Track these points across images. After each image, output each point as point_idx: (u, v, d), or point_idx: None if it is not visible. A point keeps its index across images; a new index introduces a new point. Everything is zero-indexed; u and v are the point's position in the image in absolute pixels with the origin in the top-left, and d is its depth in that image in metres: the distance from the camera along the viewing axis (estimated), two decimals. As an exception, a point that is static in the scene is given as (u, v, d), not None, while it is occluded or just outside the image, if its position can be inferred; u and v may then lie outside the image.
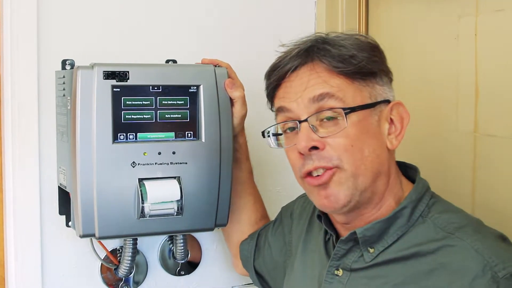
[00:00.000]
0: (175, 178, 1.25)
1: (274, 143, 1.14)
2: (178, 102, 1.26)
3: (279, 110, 1.12)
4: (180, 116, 1.27)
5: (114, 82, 1.21)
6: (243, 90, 1.31)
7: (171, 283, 1.50)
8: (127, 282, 1.45)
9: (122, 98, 1.22)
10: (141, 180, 1.23)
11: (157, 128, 1.25)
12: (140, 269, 1.46)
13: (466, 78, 1.30)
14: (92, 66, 1.21)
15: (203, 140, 1.27)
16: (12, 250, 1.37)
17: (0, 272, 1.40)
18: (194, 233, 1.49)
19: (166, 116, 1.25)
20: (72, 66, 1.30)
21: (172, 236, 1.45)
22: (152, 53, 1.45)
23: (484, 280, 0.94)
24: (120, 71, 1.21)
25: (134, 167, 1.23)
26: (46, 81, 1.36)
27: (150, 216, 1.23)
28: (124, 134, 1.23)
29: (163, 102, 1.25)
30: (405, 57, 1.45)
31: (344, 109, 1.04)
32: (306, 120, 1.06)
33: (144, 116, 1.24)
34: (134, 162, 1.23)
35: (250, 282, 1.47)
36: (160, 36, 1.47)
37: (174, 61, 1.39)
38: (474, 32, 1.28)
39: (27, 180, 1.36)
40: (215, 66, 1.30)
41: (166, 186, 1.24)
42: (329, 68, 1.06)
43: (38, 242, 1.37)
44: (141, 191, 1.22)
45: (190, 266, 1.52)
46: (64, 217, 1.35)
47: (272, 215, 1.42)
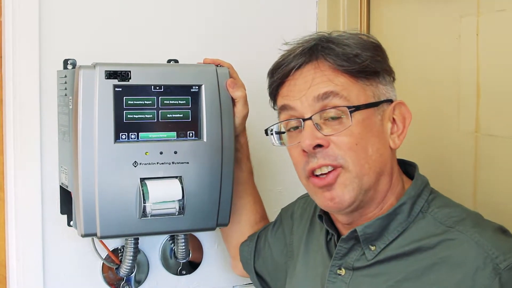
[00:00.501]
0: (176, 177, 1.25)
1: (277, 142, 1.14)
2: (180, 102, 1.26)
3: (283, 108, 1.11)
4: (182, 115, 1.27)
5: (116, 81, 1.21)
6: (245, 90, 1.31)
7: (172, 283, 1.50)
8: (128, 282, 1.45)
9: (124, 98, 1.22)
10: (142, 179, 1.23)
11: (159, 127, 1.25)
12: (141, 268, 1.46)
13: (467, 78, 1.30)
14: (94, 66, 1.21)
15: (205, 139, 1.27)
16: (13, 249, 1.37)
17: (2, 271, 1.40)
18: (196, 232, 1.49)
19: (168, 115, 1.25)
20: (74, 65, 1.30)
21: (173, 235, 1.45)
22: (154, 52, 1.45)
23: (486, 272, 0.95)
24: (122, 71, 1.21)
25: (135, 166, 1.23)
26: (48, 80, 1.36)
27: (152, 215, 1.23)
28: (126, 134, 1.23)
29: (165, 102, 1.25)
30: (406, 57, 1.45)
31: (349, 107, 1.04)
32: (310, 118, 1.06)
33: (146, 115, 1.24)
34: (135, 161, 1.23)
35: (251, 282, 1.47)
36: (162, 36, 1.47)
37: (176, 61, 1.39)
38: (476, 32, 1.28)
39: (29, 180, 1.36)
40: (217, 66, 1.30)
41: (167, 186, 1.24)
42: (333, 67, 1.06)
43: (39, 242, 1.38)
44: (142, 190, 1.22)
45: (192, 266, 1.52)
46: (65, 216, 1.36)
47: (273, 215, 1.41)
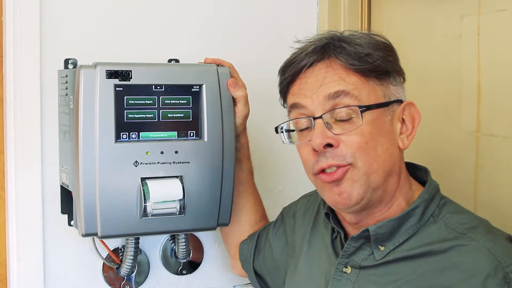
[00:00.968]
0: (177, 177, 1.25)
1: (287, 139, 1.14)
2: (180, 102, 1.26)
3: (293, 107, 1.11)
4: (182, 115, 1.26)
5: (116, 81, 1.21)
6: (246, 90, 1.31)
7: (173, 282, 1.50)
8: (129, 281, 1.45)
9: (125, 98, 1.22)
10: (143, 179, 1.23)
11: (159, 127, 1.25)
12: (142, 268, 1.47)
13: (468, 78, 1.30)
14: (95, 66, 1.21)
15: (206, 139, 1.27)
16: (14, 249, 1.37)
17: (2, 271, 1.40)
18: (196, 232, 1.49)
19: (169, 115, 1.25)
20: (75, 65, 1.30)
21: (174, 235, 1.45)
22: (155, 52, 1.45)
23: (496, 280, 0.95)
24: (122, 71, 1.21)
25: (136, 166, 1.23)
26: (49, 80, 1.36)
27: (153, 215, 1.23)
28: (127, 133, 1.23)
29: (166, 102, 1.25)
30: (407, 57, 1.45)
31: (360, 107, 1.04)
32: (321, 117, 1.06)
33: (147, 115, 1.24)
34: (136, 161, 1.23)
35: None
36: (163, 36, 1.47)
37: (177, 60, 1.39)
38: (477, 32, 1.28)
39: (30, 179, 1.36)
40: (218, 66, 1.30)
41: (168, 186, 1.24)
42: (345, 66, 1.06)
43: (40, 241, 1.38)
44: (143, 190, 1.22)
45: (192, 266, 1.52)
46: (66, 216, 1.35)
47: (274, 215, 1.41)
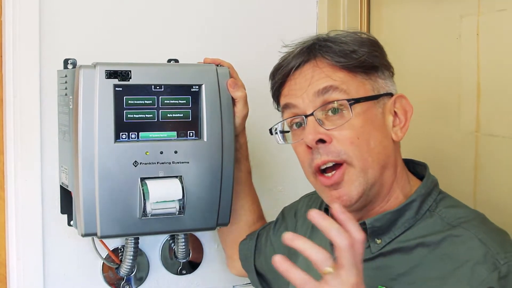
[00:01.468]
0: (177, 177, 1.25)
1: (282, 140, 1.16)
2: (180, 102, 1.26)
3: (285, 107, 1.14)
4: (182, 115, 1.27)
5: (116, 81, 1.21)
6: (245, 90, 1.31)
7: (173, 282, 1.50)
8: (128, 281, 1.45)
9: (124, 98, 1.22)
10: (143, 179, 1.23)
11: (159, 127, 1.25)
12: (141, 268, 1.46)
13: (468, 78, 1.30)
14: (94, 66, 1.21)
15: (205, 139, 1.27)
16: (14, 249, 1.37)
17: (2, 271, 1.40)
18: (196, 232, 1.49)
19: (168, 115, 1.25)
20: (74, 65, 1.30)
21: (173, 235, 1.45)
22: (154, 52, 1.45)
23: (485, 265, 0.96)
24: (122, 71, 1.21)
25: (136, 166, 1.23)
26: (48, 80, 1.36)
27: (152, 215, 1.23)
28: (126, 134, 1.23)
29: (165, 102, 1.25)
30: (407, 56, 1.45)
31: (348, 100, 1.06)
32: (312, 114, 1.08)
33: (146, 115, 1.24)
34: (136, 161, 1.23)
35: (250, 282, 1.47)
36: (162, 36, 1.47)
37: (176, 60, 1.39)
38: (476, 32, 1.28)
39: (29, 179, 1.36)
40: (217, 66, 1.30)
41: (168, 186, 1.24)
42: (331, 63, 1.09)
43: (40, 241, 1.38)
44: (143, 190, 1.22)
45: (192, 266, 1.52)
46: (66, 216, 1.35)
47: (274, 215, 1.41)
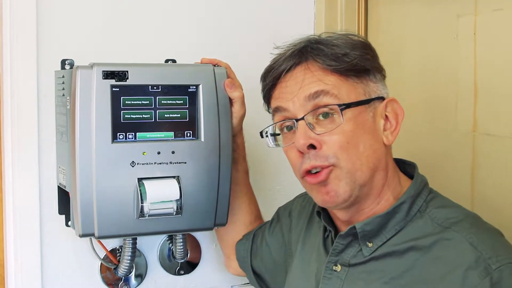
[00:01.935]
0: (174, 177, 1.25)
1: (272, 143, 1.15)
2: (177, 102, 1.26)
3: (276, 110, 1.13)
4: (179, 115, 1.27)
5: (113, 81, 1.21)
6: (242, 90, 1.31)
7: (171, 283, 1.50)
8: (126, 282, 1.45)
9: (121, 98, 1.22)
10: (140, 179, 1.23)
11: (156, 127, 1.25)
12: (139, 268, 1.47)
13: (465, 78, 1.30)
14: (92, 66, 1.21)
15: (202, 139, 1.27)
16: (11, 249, 1.37)
17: (0, 271, 1.40)
18: (194, 232, 1.49)
19: (165, 115, 1.25)
20: (72, 66, 1.30)
21: (171, 235, 1.45)
22: (151, 52, 1.45)
23: (477, 271, 0.95)
24: (119, 71, 1.21)
25: (133, 166, 1.23)
26: (46, 80, 1.36)
27: (150, 215, 1.23)
28: (124, 134, 1.23)
29: (162, 102, 1.25)
30: (404, 56, 1.45)
31: (339, 105, 1.06)
32: (303, 118, 1.07)
33: (143, 115, 1.24)
34: (133, 161, 1.23)
35: (248, 282, 1.47)
36: (159, 36, 1.47)
37: (174, 60, 1.39)
38: (473, 32, 1.28)
39: (27, 180, 1.36)
40: (214, 66, 1.30)
41: (165, 186, 1.24)
42: (323, 67, 1.08)
43: (37, 242, 1.38)
44: (140, 190, 1.22)
45: (190, 266, 1.52)
46: (63, 216, 1.35)
47: (272, 214, 1.41)
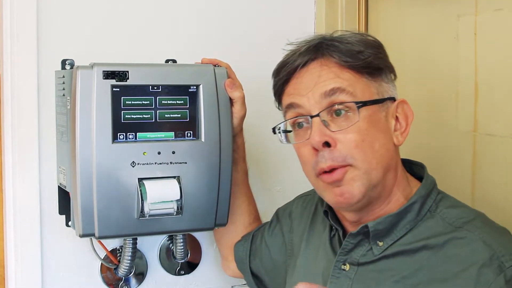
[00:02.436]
0: (174, 177, 1.25)
1: (285, 140, 1.14)
2: (177, 102, 1.26)
3: (289, 107, 1.12)
4: (179, 115, 1.26)
5: (113, 82, 1.21)
6: (243, 90, 1.31)
7: (171, 283, 1.50)
8: (127, 282, 1.45)
9: (122, 98, 1.22)
10: (140, 179, 1.23)
11: (156, 127, 1.25)
12: (140, 268, 1.47)
13: (465, 78, 1.30)
14: (92, 66, 1.21)
15: (203, 139, 1.27)
16: (12, 249, 1.37)
17: (0, 272, 1.40)
18: (194, 232, 1.49)
19: (166, 115, 1.25)
20: (72, 66, 1.30)
21: (172, 235, 1.45)
22: (152, 52, 1.45)
23: (491, 268, 0.96)
24: (119, 71, 1.21)
25: (133, 166, 1.23)
26: (46, 81, 1.36)
27: (150, 215, 1.23)
28: (124, 134, 1.23)
29: (163, 102, 1.25)
30: (404, 56, 1.45)
31: (356, 103, 1.06)
32: (318, 115, 1.07)
33: (144, 116, 1.24)
34: (133, 161, 1.23)
35: (248, 282, 1.47)
36: (160, 36, 1.47)
37: (174, 60, 1.39)
38: (474, 32, 1.28)
39: (27, 180, 1.36)
40: (215, 66, 1.30)
41: (165, 186, 1.24)
42: (339, 63, 1.08)
43: (38, 242, 1.38)
44: (140, 190, 1.22)
45: (190, 266, 1.52)
46: (64, 216, 1.35)
47: (272, 215, 1.41)
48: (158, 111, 1.25)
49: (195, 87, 1.27)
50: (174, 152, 1.25)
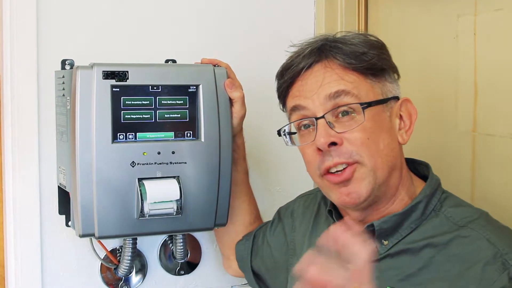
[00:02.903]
0: (174, 177, 1.25)
1: (290, 142, 1.15)
2: (177, 102, 1.26)
3: (294, 109, 1.13)
4: (179, 116, 1.27)
5: (113, 82, 1.21)
6: (243, 91, 1.31)
7: (171, 283, 1.50)
8: (127, 282, 1.45)
9: (122, 98, 1.22)
10: (140, 179, 1.23)
11: (156, 128, 1.25)
12: (139, 268, 1.47)
13: (465, 78, 1.30)
14: (92, 66, 1.21)
15: (203, 139, 1.27)
16: (12, 249, 1.37)
17: (0, 271, 1.40)
18: (194, 232, 1.49)
19: (166, 116, 1.25)
20: (72, 66, 1.30)
21: (171, 235, 1.45)
22: (152, 53, 1.45)
23: (495, 266, 0.97)
24: (119, 71, 1.21)
25: (133, 166, 1.23)
26: (46, 81, 1.36)
27: (150, 215, 1.23)
28: (124, 134, 1.23)
29: (163, 102, 1.25)
30: (404, 56, 1.45)
31: (361, 104, 1.06)
32: (323, 117, 1.07)
33: (144, 116, 1.24)
34: (133, 162, 1.23)
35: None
36: (160, 36, 1.47)
37: (174, 60, 1.39)
38: (473, 32, 1.28)
39: (27, 180, 1.36)
40: (215, 66, 1.30)
41: (165, 186, 1.24)
42: (343, 65, 1.09)
43: (38, 242, 1.38)
44: (140, 190, 1.22)
45: (190, 266, 1.52)
46: (63, 216, 1.35)
47: (272, 215, 1.41)
48: (158, 111, 1.25)
49: (194, 87, 1.27)
50: (174, 152, 1.25)
